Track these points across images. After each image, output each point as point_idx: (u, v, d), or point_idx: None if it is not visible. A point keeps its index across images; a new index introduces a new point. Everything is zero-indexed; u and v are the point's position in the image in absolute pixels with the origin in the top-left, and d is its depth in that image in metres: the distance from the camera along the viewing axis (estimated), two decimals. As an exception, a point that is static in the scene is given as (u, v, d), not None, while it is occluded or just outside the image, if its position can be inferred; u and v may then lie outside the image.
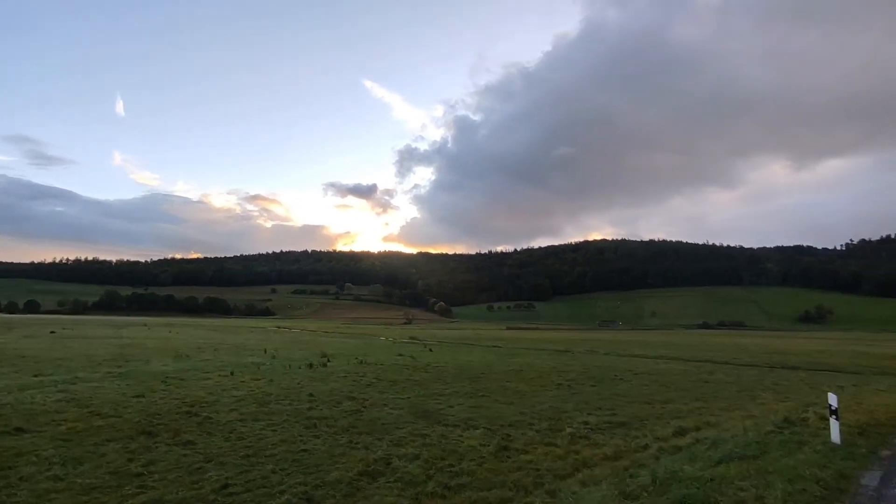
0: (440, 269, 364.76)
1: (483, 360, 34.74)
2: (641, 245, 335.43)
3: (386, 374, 25.61)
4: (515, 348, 50.32)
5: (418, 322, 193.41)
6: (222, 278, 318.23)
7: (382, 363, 31.41)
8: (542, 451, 10.22)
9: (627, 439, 11.36)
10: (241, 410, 15.04)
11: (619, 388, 21.08)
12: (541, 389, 20.67)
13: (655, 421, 13.71)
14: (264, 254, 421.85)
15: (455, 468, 9.10)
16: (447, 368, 28.56)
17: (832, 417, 7.42)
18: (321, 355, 36.39)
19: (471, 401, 17.35)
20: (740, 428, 9.47)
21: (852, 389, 22.14)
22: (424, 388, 20.52)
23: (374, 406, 16.11)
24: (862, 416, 9.52)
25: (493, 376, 25.07)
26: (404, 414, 14.63)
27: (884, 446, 7.72)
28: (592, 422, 13.44)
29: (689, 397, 18.72)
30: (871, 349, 58.52)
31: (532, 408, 15.82)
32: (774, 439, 7.43)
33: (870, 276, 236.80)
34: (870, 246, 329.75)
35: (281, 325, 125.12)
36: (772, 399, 18.43)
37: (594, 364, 32.66)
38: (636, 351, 47.42)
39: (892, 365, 35.45)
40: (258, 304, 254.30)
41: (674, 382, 23.42)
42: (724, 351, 49.02)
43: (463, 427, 12.76)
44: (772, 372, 30.23)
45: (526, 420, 13.78)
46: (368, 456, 9.90)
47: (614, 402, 17.22)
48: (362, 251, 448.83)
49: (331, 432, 12.19)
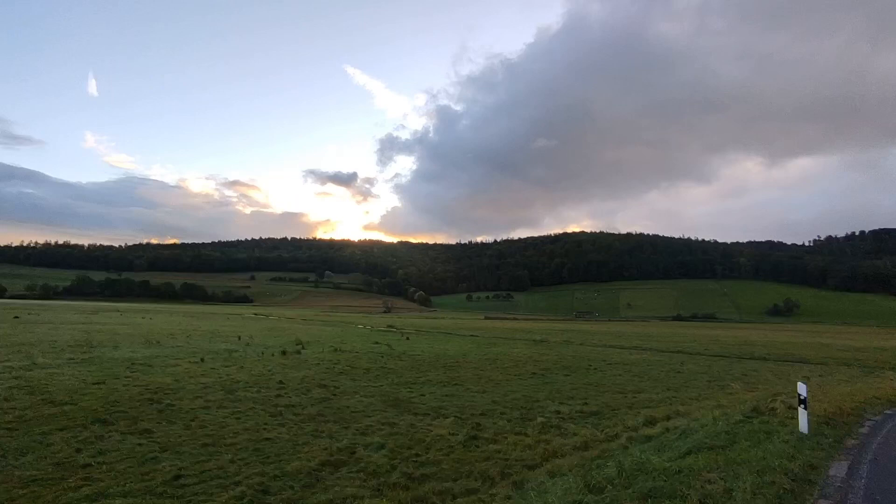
0: (420, 259, 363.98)
1: (459, 349, 34.64)
2: (619, 238, 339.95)
3: (360, 361, 25.28)
4: (492, 338, 50.43)
5: (398, 311, 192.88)
6: (200, 264, 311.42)
7: (358, 351, 31.06)
8: (511, 441, 10.05)
9: (598, 429, 11.28)
10: (207, 398, 14.56)
11: (592, 378, 21.15)
12: (515, 378, 20.60)
13: (627, 410, 13.71)
14: (243, 240, 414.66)
15: (421, 458, 8.85)
16: (423, 357, 28.36)
17: (801, 406, 7.38)
18: (296, 342, 35.86)
19: (444, 389, 17.15)
20: (710, 418, 9.45)
21: (818, 380, 22.66)
22: (398, 377, 20.26)
23: (345, 394, 15.78)
24: (828, 405, 9.60)
25: (469, 365, 24.95)
26: (375, 402, 14.34)
27: (850, 436, 7.74)
28: (564, 411, 13.36)
29: (660, 387, 18.86)
30: (834, 341, 60.44)
31: (505, 397, 15.70)
32: (743, 429, 7.36)
33: (835, 271, 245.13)
34: (836, 242, 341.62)
35: (259, 313, 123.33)
36: (741, 389, 18.68)
37: (569, 354, 32.85)
38: (611, 342, 47.99)
39: (854, 356, 36.55)
40: (236, 291, 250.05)
41: (646, 373, 23.65)
42: (696, 342, 49.97)
43: (433, 416, 12.53)
44: (741, 362, 30.83)
45: (498, 409, 13.63)
46: (333, 445, 9.58)
47: (587, 392, 17.22)
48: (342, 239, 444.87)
49: (297, 420, 11.83)
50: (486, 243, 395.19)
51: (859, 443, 7.26)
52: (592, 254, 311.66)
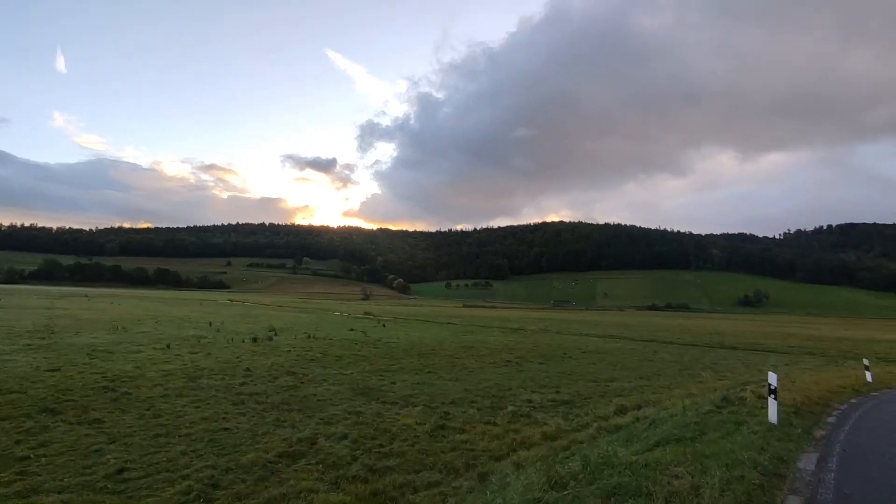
0: (400, 246, 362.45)
1: (436, 337, 34.43)
2: (597, 228, 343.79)
3: (333, 349, 24.83)
4: (470, 326, 50.41)
5: (376, 298, 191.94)
6: (174, 249, 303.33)
7: (332, 338, 30.58)
8: (480, 431, 9.80)
9: (569, 418, 11.13)
10: (167, 385, 13.97)
11: (566, 366, 21.13)
12: (489, 366, 20.45)
13: (598, 399, 13.63)
14: (219, 225, 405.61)
15: (385, 449, 8.52)
16: (398, 344, 28.03)
17: (771, 396, 7.22)
18: (269, 329, 35.20)
19: (416, 377, 16.85)
20: (679, 407, 9.34)
21: (784, 368, 23.11)
22: (370, 364, 19.90)
23: (313, 382, 15.35)
24: (796, 394, 9.61)
25: (444, 353, 24.73)
26: (343, 390, 13.96)
27: (818, 426, 7.71)
28: (536, 400, 13.20)
29: (633, 376, 18.92)
30: (800, 331, 62.31)
31: (477, 385, 15.48)
32: (713, 419, 7.22)
33: (802, 263, 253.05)
34: (804, 236, 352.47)
35: (234, 299, 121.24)
36: (711, 377, 18.88)
37: (544, 342, 32.94)
38: (587, 330, 48.46)
39: (818, 346, 37.62)
40: (212, 277, 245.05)
41: (620, 361, 23.78)
42: (669, 331, 50.84)
43: (402, 404, 12.22)
44: (711, 351, 31.38)
45: (469, 397, 13.39)
46: (294, 435, 9.18)
47: (560, 380, 17.14)
48: (321, 225, 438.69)
49: (259, 409, 11.38)
50: (465, 231, 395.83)
51: (827, 433, 7.21)
52: (571, 243, 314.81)
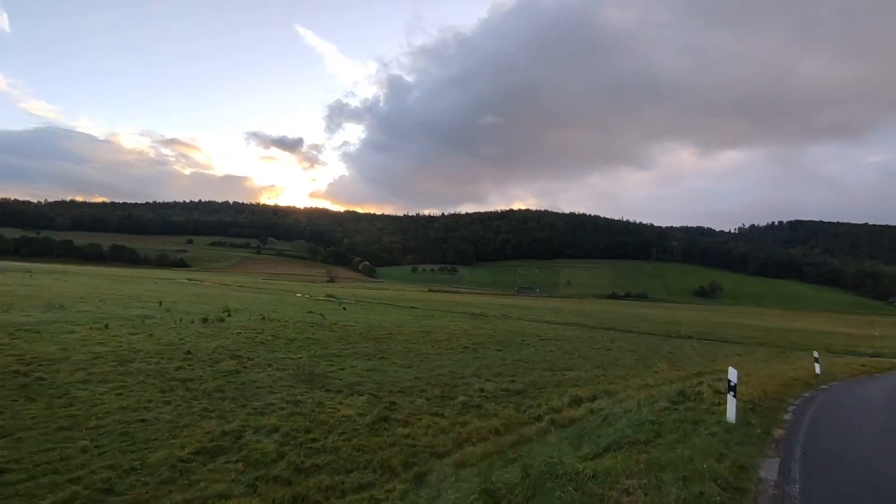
0: (367, 229, 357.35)
1: (396, 321, 33.73)
2: (562, 217, 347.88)
3: (286, 331, 23.77)
4: (432, 310, 49.91)
5: (342, 280, 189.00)
6: (131, 226, 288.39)
7: (287, 320, 29.43)
8: (425, 423, 9.17)
9: (521, 409, 10.66)
10: (92, 370, 12.75)
11: (524, 354, 20.82)
12: (446, 352, 19.91)
13: (553, 389, 13.25)
14: (181, 202, 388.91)
15: (318, 444, 7.76)
16: (355, 328, 27.18)
17: (730, 394, 6.86)
18: (223, 310, 33.71)
19: (368, 363, 16.12)
20: (634, 402, 8.94)
21: (737, 359, 23.54)
22: (323, 348, 19.03)
23: (257, 367, 14.41)
24: (753, 389, 9.41)
25: (401, 337, 24.06)
26: (286, 377, 13.08)
27: (776, 424, 7.43)
28: (489, 389, 12.68)
29: (590, 364, 18.75)
30: (751, 322, 64.80)
31: (430, 372, 14.88)
32: (669, 418, 6.78)
33: (755, 257, 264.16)
34: (758, 230, 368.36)
35: (193, 278, 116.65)
36: (666, 368, 18.90)
37: (504, 328, 32.73)
38: (548, 317, 48.74)
39: (769, 337, 38.95)
40: (172, 255, 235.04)
41: (578, 349, 23.68)
42: (627, 320, 51.77)
43: (346, 393, 11.46)
44: (668, 340, 31.88)
45: (419, 386, 12.76)
46: (219, 427, 8.31)
47: (516, 368, 16.75)
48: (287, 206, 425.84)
49: (188, 397, 10.40)
50: (433, 216, 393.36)
51: (786, 433, 6.91)
52: (536, 231, 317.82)
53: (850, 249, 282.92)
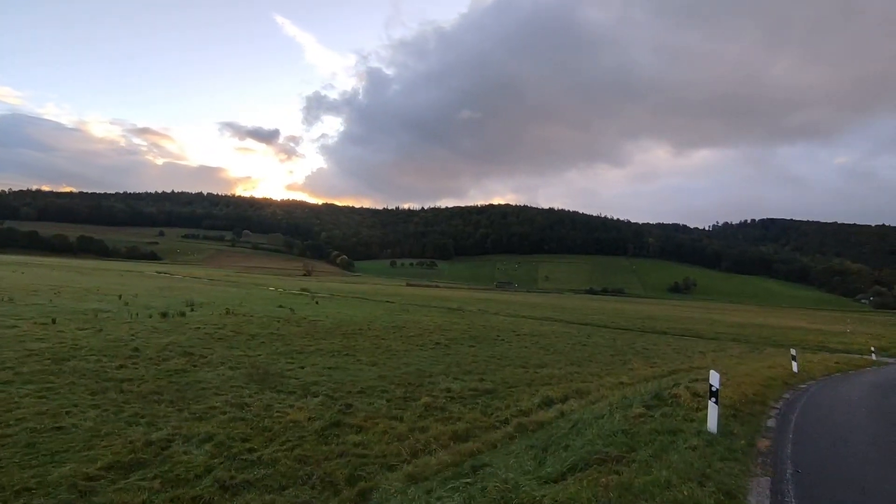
0: (345, 222, 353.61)
1: (368, 316, 32.80)
2: (542, 212, 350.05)
3: (250, 326, 22.66)
4: (408, 305, 49.07)
5: (319, 274, 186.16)
6: (101, 216, 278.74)
7: (254, 314, 28.27)
8: (381, 428, 8.36)
9: (488, 412, 9.93)
10: (20, 369, 11.59)
11: (497, 350, 20.17)
12: (416, 348, 19.12)
13: (525, 388, 12.57)
14: (153, 193, 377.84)
15: (254, 455, 6.87)
16: (324, 323, 26.18)
17: (711, 400, 6.24)
18: (187, 303, 32.35)
19: (331, 360, 15.21)
20: (607, 406, 8.27)
21: (712, 355, 23.36)
22: (286, 344, 18.04)
23: (209, 365, 13.39)
24: (732, 391, 8.85)
25: (371, 333, 23.17)
26: (238, 376, 12.11)
27: (760, 432, 6.86)
28: (456, 388, 11.93)
29: (564, 361, 18.19)
30: (724, 317, 65.73)
31: (396, 370, 14.06)
32: (643, 427, 6.12)
33: (728, 254, 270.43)
34: (731, 228, 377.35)
35: (163, 271, 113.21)
36: (642, 365, 18.48)
37: (480, 323, 32.10)
38: (525, 312, 48.37)
39: (742, 333, 39.26)
40: (142, 247, 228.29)
41: (553, 345, 23.16)
42: (603, 315, 51.79)
43: (300, 394, 10.56)
44: (643, 336, 31.70)
45: (382, 385, 11.93)
46: (145, 436, 7.34)
47: (488, 365, 16.06)
48: (263, 198, 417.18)
49: (121, 400, 9.37)
50: (413, 210, 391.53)
51: (772, 444, 6.31)
52: (516, 226, 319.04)
53: (819, 247, 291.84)
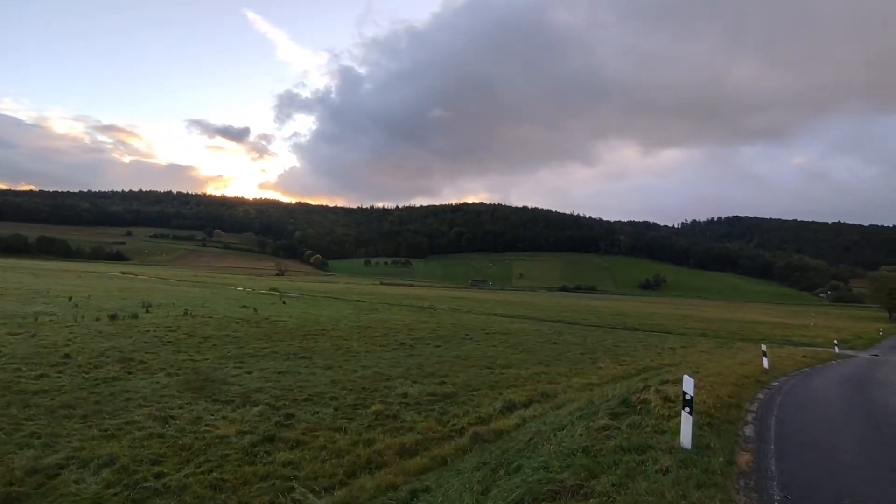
0: (319, 221, 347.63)
1: (335, 315, 31.69)
2: (515, 211, 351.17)
3: (205, 328, 21.36)
4: (378, 304, 48.00)
5: (292, 274, 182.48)
6: (64, 216, 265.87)
7: (213, 315, 26.88)
8: (320, 442, 7.45)
9: (444, 419, 9.12)
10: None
11: (464, 349, 19.41)
12: (379, 349, 18.20)
13: (487, 392, 11.81)
14: (119, 192, 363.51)
15: (161, 481, 5.89)
16: (286, 323, 24.98)
17: (685, 410, 5.37)
18: (143, 305, 30.68)
19: (284, 364, 14.17)
20: (569, 415, 7.49)
21: (682, 351, 23.13)
22: (239, 347, 16.88)
23: (146, 371, 12.21)
24: (704, 392, 8.18)
25: (334, 333, 22.14)
26: (175, 383, 10.99)
27: (739, 444, 6.18)
28: (413, 393, 11.08)
29: (532, 360, 17.54)
30: (692, 312, 66.75)
31: (352, 374, 13.14)
32: (607, 444, 5.24)
33: (695, 251, 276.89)
34: (698, 226, 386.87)
35: (129, 271, 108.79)
36: (611, 363, 17.99)
37: (450, 322, 31.35)
38: (497, 310, 47.88)
39: (710, 328, 39.58)
40: (108, 248, 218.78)
41: (523, 343, 22.55)
42: (576, 312, 51.75)
43: (238, 403, 9.55)
44: (614, 332, 31.47)
45: (332, 392, 10.99)
46: (34, 462, 6.25)
47: (452, 367, 15.26)
48: (235, 197, 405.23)
49: (22, 417, 8.19)
50: (387, 209, 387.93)
51: (754, 459, 5.58)
52: (490, 224, 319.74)
53: (781, 244, 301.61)
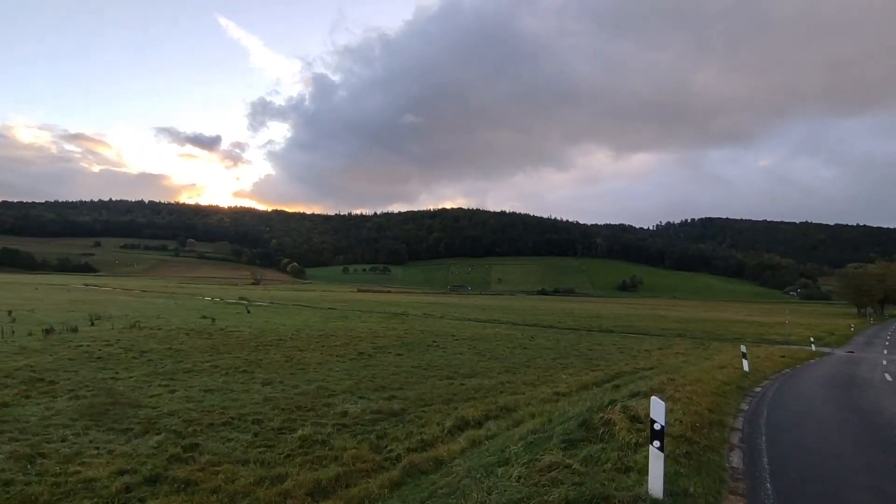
0: (296, 229, 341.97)
1: (300, 324, 30.09)
2: (493, 215, 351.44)
3: (149, 342, 19.63)
4: (350, 311, 46.38)
5: (268, 283, 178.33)
6: (28, 227, 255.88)
7: (163, 328, 25.04)
8: (217, 481, 6.06)
9: (381, 443, 7.80)
10: None
11: (427, 358, 18.12)
12: (334, 360, 16.78)
13: (441, 407, 10.52)
14: (87, 201, 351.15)
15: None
16: (241, 334, 23.34)
17: (654, 444, 4.18)
18: (91, 318, 28.69)
19: (219, 380, 12.66)
20: (514, 447, 6.14)
21: (658, 353, 22.26)
22: (176, 362, 15.28)
23: (51, 394, 10.61)
24: (682, 408, 6.86)
25: (291, 344, 20.62)
26: (73, 409, 9.41)
27: (724, 485, 4.82)
28: (355, 411, 9.73)
29: (500, 368, 16.34)
30: (668, 313, 66.76)
31: (293, 390, 11.71)
32: (552, 496, 3.81)
33: (670, 252, 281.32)
34: (673, 227, 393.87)
35: (93, 283, 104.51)
36: (583, 368, 16.92)
37: (419, 328, 30.04)
38: (472, 315, 46.72)
39: (686, 328, 39.13)
40: (76, 259, 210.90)
41: (492, 349, 21.35)
42: (552, 315, 50.93)
43: (139, 431, 8.06)
44: (589, 335, 30.58)
45: (262, 412, 9.56)
46: None
47: (409, 378, 13.95)
48: (209, 205, 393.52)
49: None
50: (365, 216, 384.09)
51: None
52: (468, 229, 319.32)
53: (752, 244, 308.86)
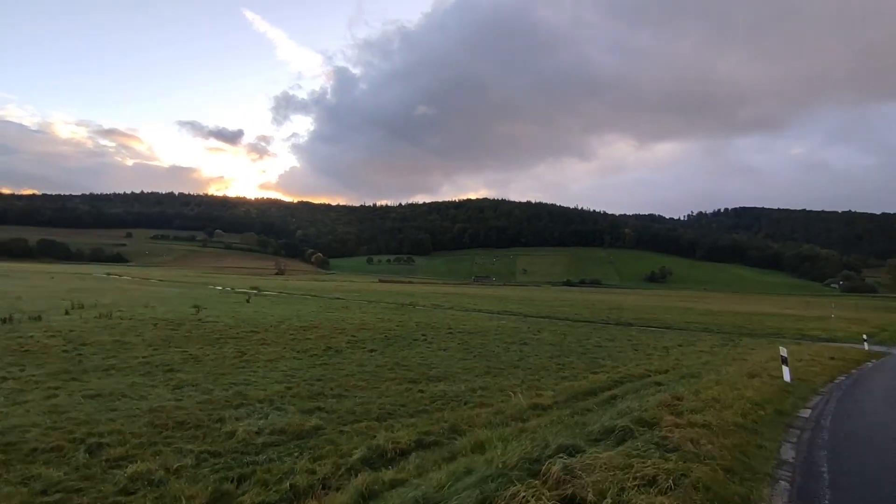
0: (321, 220, 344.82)
1: (290, 314, 28.15)
2: (519, 206, 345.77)
3: (101, 333, 17.73)
4: (356, 301, 44.45)
5: (291, 273, 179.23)
6: (65, 219, 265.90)
7: (134, 318, 23.29)
8: None
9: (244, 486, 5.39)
10: None
11: (402, 354, 15.65)
12: (290, 356, 14.52)
13: (370, 425, 7.97)
14: (120, 194, 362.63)
15: None
16: (214, 325, 21.40)
17: None
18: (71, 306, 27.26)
19: (127, 382, 10.52)
20: (464, 496, 3.80)
21: (677, 351, 19.28)
22: (104, 359, 13.27)
23: None
24: (699, 451, 4.41)
25: (260, 336, 18.55)
26: None
27: None
28: (249, 431, 7.24)
29: (481, 368, 13.74)
30: (696, 305, 62.65)
31: (199, 396, 9.32)
32: None
33: (702, 242, 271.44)
34: (705, 217, 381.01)
35: (114, 272, 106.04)
36: (582, 368, 14.18)
37: (416, 320, 27.65)
38: (484, 306, 44.14)
39: (714, 321, 35.69)
40: (108, 250, 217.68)
41: (484, 345, 18.75)
42: (570, 306, 47.87)
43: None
44: (604, 329, 27.66)
45: (123, 430, 7.23)
46: None
47: (361, 380, 11.48)
48: (237, 197, 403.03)
49: None
50: (389, 207, 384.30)
51: None
52: (493, 220, 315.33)
53: (790, 234, 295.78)
